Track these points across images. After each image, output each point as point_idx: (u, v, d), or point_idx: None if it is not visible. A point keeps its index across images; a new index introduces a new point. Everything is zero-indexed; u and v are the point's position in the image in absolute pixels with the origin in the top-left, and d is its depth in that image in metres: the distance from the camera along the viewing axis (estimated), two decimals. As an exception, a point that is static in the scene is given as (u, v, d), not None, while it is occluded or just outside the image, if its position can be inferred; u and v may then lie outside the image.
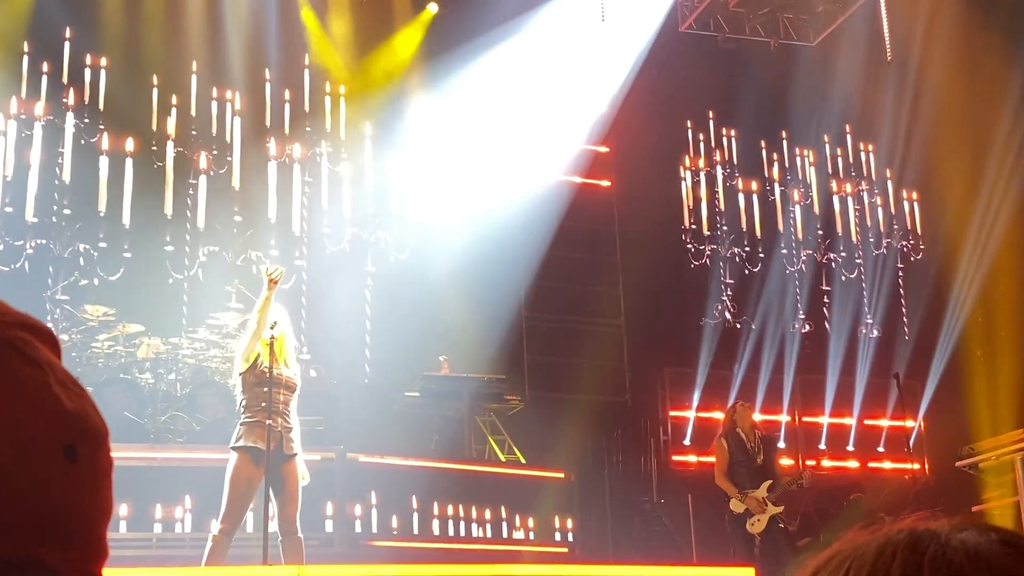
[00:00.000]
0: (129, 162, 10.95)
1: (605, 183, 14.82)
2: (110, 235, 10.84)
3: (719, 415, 11.19)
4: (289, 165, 11.92)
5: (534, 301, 14.18)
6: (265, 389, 6.40)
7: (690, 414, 13.72)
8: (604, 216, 14.76)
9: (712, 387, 13.65)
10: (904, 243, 14.28)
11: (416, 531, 9.54)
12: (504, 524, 10.09)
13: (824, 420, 14.21)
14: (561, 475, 10.89)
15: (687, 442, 13.58)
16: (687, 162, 13.87)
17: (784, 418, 14.15)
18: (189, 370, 10.72)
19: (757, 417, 13.76)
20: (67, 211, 10.76)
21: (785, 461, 14.01)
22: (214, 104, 11.72)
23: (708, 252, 13.56)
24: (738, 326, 13.71)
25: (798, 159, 14.37)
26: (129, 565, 7.69)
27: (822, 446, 14.22)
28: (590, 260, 14.64)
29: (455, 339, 12.74)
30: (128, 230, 10.85)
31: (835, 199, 14.35)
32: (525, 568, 9.03)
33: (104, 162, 10.88)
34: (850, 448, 14.22)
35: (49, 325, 1.37)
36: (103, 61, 11.26)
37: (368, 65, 13.58)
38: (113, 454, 0.91)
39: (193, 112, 11.61)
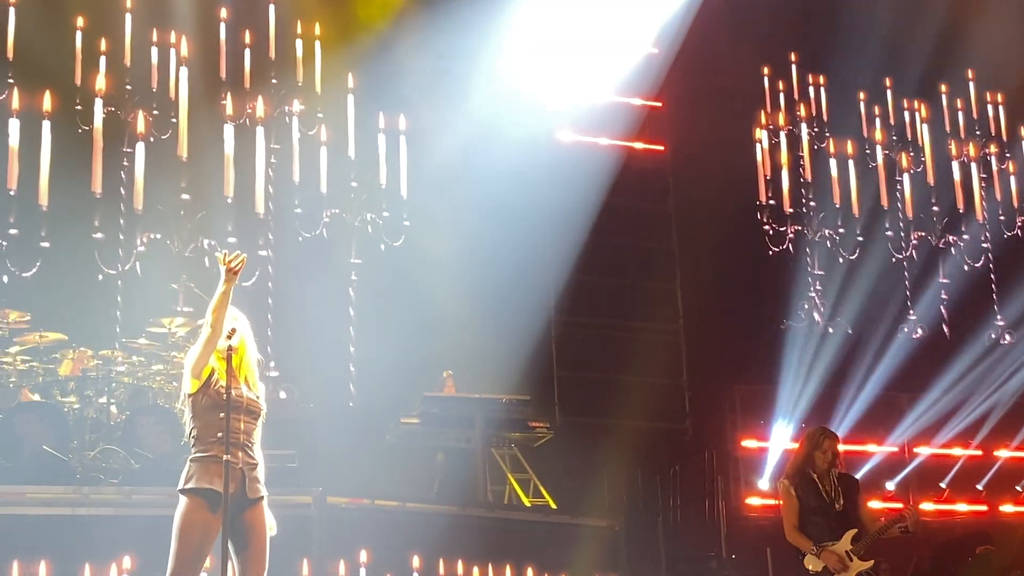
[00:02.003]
0: (46, 125, 10.97)
1: (658, 148, 14.78)
2: (23, 219, 10.88)
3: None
4: (250, 128, 11.94)
5: (567, 301, 14.16)
6: (221, 415, 6.39)
7: (768, 445, 13.67)
8: (657, 190, 14.72)
9: (796, 409, 13.59)
10: (1046, 222, 14.23)
11: (417, 597, 9.55)
12: (530, 587, 10.09)
13: (944, 452, 14.11)
14: (603, 524, 10.87)
15: (764, 481, 13.52)
16: (763, 119, 13.81)
17: (890, 449, 14.07)
18: (125, 392, 10.75)
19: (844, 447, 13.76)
20: (-33, 190, 10.83)
21: (881, 505, 13.96)
22: (154, 51, 11.74)
23: (791, 235, 13.50)
24: (830, 331, 13.65)
25: (906, 114, 14.28)
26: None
27: (942, 484, 14.12)
28: (639, 247, 14.60)
29: (464, 350, 12.75)
30: (46, 213, 10.89)
31: (955, 166, 14.26)
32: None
33: (14, 126, 10.92)
34: (979, 488, 14.13)
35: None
36: (12, -2, 11.32)
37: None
38: (29, 498, 0.88)
39: (127, 61, 11.63)
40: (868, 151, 14.02)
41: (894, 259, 13.89)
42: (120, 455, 10.02)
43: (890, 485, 14.04)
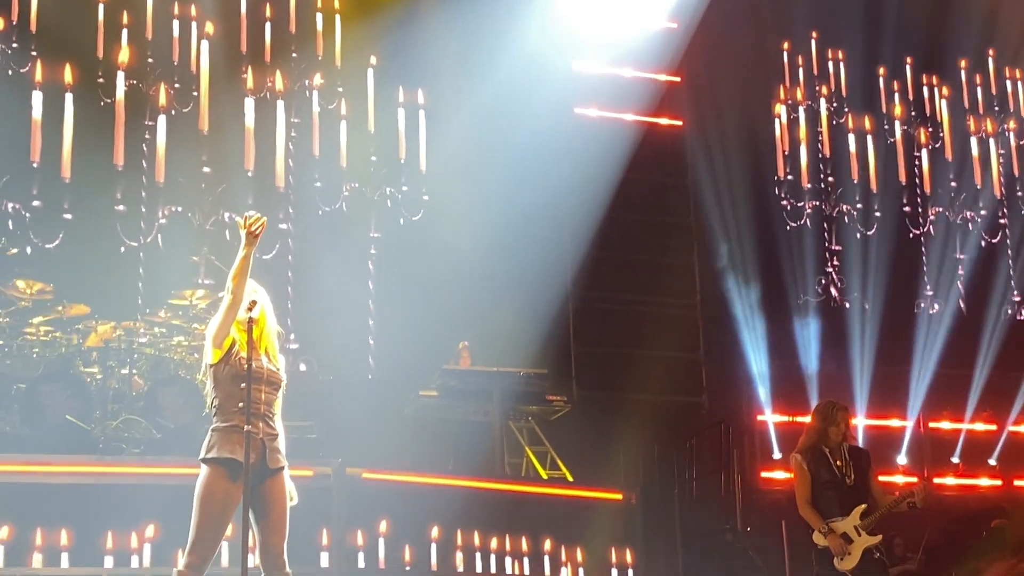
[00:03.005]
0: (69, 98, 10.99)
1: (676, 123, 14.74)
2: (46, 191, 10.91)
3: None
4: (271, 102, 11.94)
5: (584, 276, 14.14)
6: (242, 386, 6.40)
7: (783, 419, 13.66)
8: (675, 165, 14.68)
9: (812, 384, 13.58)
10: (1065, 198, 14.17)
11: (434, 567, 9.57)
12: (546, 559, 10.10)
13: (959, 426, 14.11)
14: (619, 496, 10.88)
15: (779, 455, 13.53)
16: (782, 94, 13.76)
17: (906, 423, 14.06)
18: (147, 363, 10.80)
19: (862, 422, 13.77)
20: (-9, 161, 10.88)
21: (902, 479, 13.97)
22: (176, 24, 11.74)
23: (809, 210, 13.47)
24: (847, 305, 13.63)
25: (925, 90, 14.22)
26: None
27: (955, 459, 14.13)
28: (656, 223, 14.57)
29: (482, 324, 12.75)
30: (69, 185, 10.92)
31: (973, 141, 14.19)
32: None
33: (38, 98, 10.94)
34: (992, 462, 14.13)
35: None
36: (35, -28, 11.32)
37: (371, -27, 13.57)
38: (52, 469, 0.90)
39: (149, 34, 11.64)
40: (887, 127, 13.96)
41: (911, 234, 13.85)
42: (142, 425, 10.08)
43: (901, 459, 14.06)
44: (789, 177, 13.58)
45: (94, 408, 10.18)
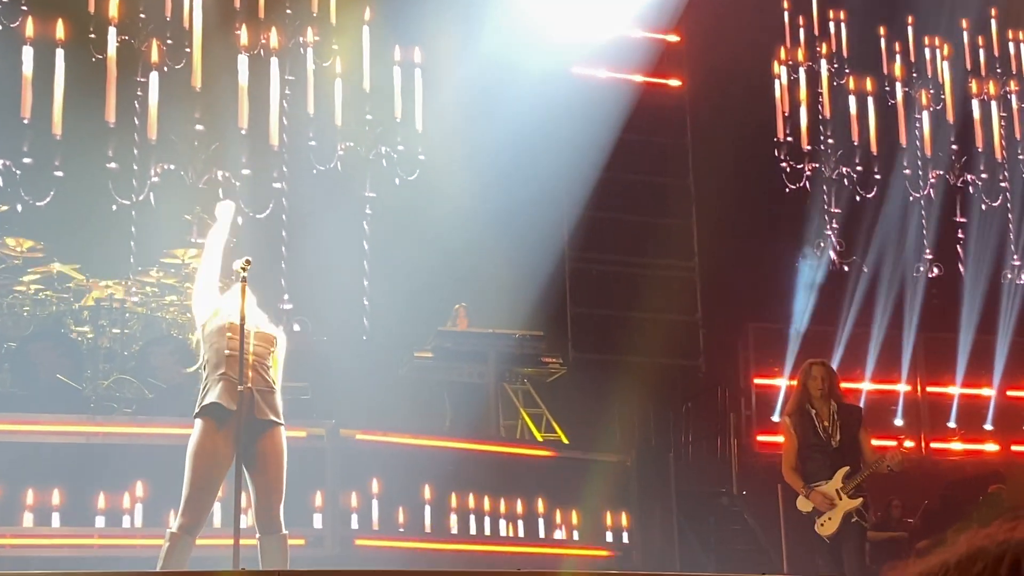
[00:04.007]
0: (60, 54, 10.90)
1: (675, 83, 14.66)
2: (37, 148, 10.84)
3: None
4: (265, 59, 11.85)
5: (581, 238, 14.12)
6: (229, 335, 6.35)
7: (781, 382, 13.67)
8: (674, 126, 14.62)
9: (810, 348, 13.54)
10: (1065, 161, 14.11)
11: (428, 529, 9.59)
12: (540, 521, 10.12)
13: (956, 391, 14.14)
14: (614, 459, 10.90)
15: (776, 418, 13.54)
16: (782, 55, 13.67)
17: (903, 387, 14.07)
18: (139, 322, 10.77)
19: (866, 387, 13.77)
20: (-20, 118, 10.79)
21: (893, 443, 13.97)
22: (168, -21, 11.64)
23: (808, 172, 13.41)
24: (846, 269, 13.59)
25: (927, 51, 14.13)
26: (65, 568, 7.78)
27: (952, 424, 14.16)
28: (655, 184, 14.54)
29: (478, 285, 12.73)
30: (60, 142, 10.84)
31: (974, 104, 14.11)
32: (567, 577, 9.07)
33: (28, 54, 10.85)
34: (988, 427, 14.17)
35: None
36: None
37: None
38: (43, 428, 0.86)
39: (141, -11, 11.54)
40: (887, 88, 13.88)
41: (911, 197, 13.81)
42: (134, 385, 10.06)
43: (898, 422, 14.09)
44: (789, 139, 13.50)
45: (85, 367, 10.17)
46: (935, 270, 13.71)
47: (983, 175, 14.01)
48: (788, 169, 13.39)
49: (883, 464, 8.23)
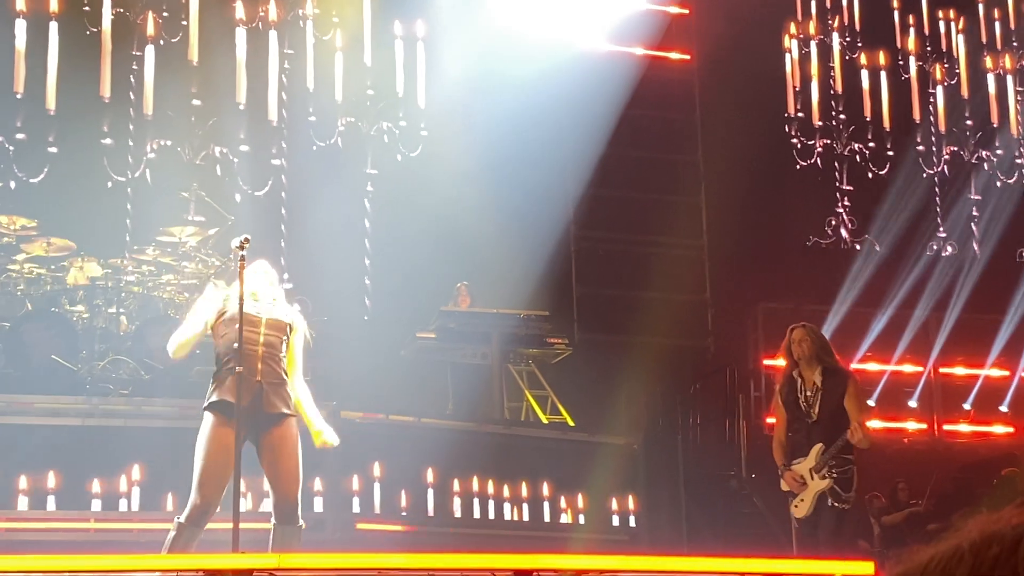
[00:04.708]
0: (54, 27, 10.81)
1: (683, 56, 14.58)
2: (30, 124, 10.75)
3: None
4: (263, 32, 11.74)
5: (587, 215, 14.06)
6: (236, 325, 6.39)
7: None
8: (682, 101, 14.55)
9: (824, 328, 13.50)
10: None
11: (431, 512, 9.56)
12: (546, 505, 10.08)
13: (970, 372, 14.12)
14: (621, 442, 10.87)
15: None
16: (793, 28, 13.54)
17: (916, 369, 14.03)
18: (135, 301, 10.72)
19: (875, 368, 13.69)
20: (-29, 92, 10.70)
21: (914, 426, 13.92)
22: (164, -51, 11.52)
23: (820, 148, 13.28)
24: (857, 248, 13.50)
25: (941, 24, 14.00)
26: (60, 551, 7.71)
27: (967, 406, 14.13)
28: (662, 160, 14.48)
29: (482, 264, 12.67)
30: (53, 117, 10.75)
31: (990, 78, 13.99)
32: (573, 561, 8.97)
33: (21, 27, 10.74)
34: (1004, 409, 14.17)
35: None
36: None
37: None
38: (38, 408, 0.78)
39: (136, -40, 11.42)
40: (901, 62, 13.76)
41: (925, 174, 13.70)
42: (130, 366, 10.01)
43: (912, 403, 14.07)
44: (799, 114, 13.38)
45: (80, 348, 10.12)
46: (949, 248, 13.63)
47: (999, 151, 13.91)
48: (799, 145, 13.28)
49: (841, 439, 7.88)
